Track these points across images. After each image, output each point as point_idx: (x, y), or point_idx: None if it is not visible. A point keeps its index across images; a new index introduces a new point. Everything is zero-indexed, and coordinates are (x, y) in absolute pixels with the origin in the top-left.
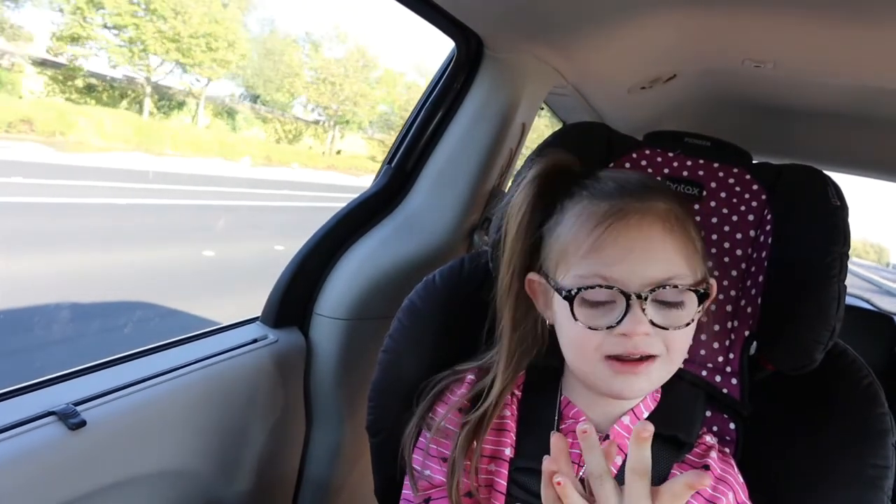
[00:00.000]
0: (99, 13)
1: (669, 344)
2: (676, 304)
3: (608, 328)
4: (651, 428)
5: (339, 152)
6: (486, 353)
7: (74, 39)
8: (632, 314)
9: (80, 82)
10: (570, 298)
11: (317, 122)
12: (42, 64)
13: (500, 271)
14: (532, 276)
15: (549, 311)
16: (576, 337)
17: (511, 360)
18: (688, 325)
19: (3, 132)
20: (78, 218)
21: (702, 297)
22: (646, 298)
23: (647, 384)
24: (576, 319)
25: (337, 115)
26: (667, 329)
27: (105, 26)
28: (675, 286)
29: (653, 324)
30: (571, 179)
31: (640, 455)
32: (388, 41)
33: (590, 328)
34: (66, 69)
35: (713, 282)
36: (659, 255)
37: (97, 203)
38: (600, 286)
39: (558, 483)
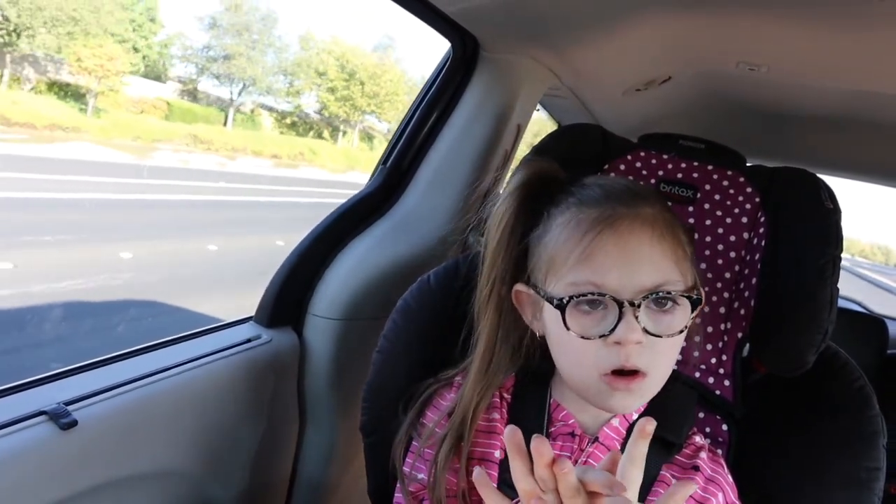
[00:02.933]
0: (322, 78)
1: (658, 357)
2: (669, 312)
3: (601, 337)
4: (654, 424)
5: None
6: (468, 358)
7: (297, 93)
8: (625, 322)
9: (288, 120)
10: (561, 307)
11: None
12: (262, 107)
13: (480, 281)
14: (519, 287)
15: (537, 323)
16: (570, 349)
17: (486, 368)
18: (681, 332)
19: (294, 160)
20: None
21: (695, 303)
22: (639, 306)
23: (639, 401)
24: (568, 329)
25: None
26: (660, 336)
27: (328, 90)
28: (668, 292)
29: (646, 331)
30: (556, 187)
31: (638, 452)
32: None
33: (582, 337)
34: (280, 113)
35: (702, 290)
36: (650, 261)
37: None
38: (592, 294)
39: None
